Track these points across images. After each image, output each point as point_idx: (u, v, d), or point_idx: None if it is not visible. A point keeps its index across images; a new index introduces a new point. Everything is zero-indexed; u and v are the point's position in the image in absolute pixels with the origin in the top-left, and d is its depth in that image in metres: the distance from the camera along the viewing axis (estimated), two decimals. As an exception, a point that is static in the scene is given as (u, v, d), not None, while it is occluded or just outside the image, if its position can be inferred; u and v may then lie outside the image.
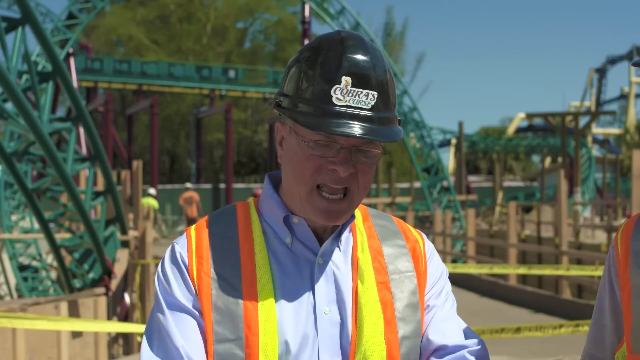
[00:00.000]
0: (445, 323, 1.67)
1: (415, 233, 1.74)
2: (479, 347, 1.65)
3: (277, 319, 1.53)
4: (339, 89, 1.50)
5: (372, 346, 1.56)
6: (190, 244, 1.60)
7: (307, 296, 1.57)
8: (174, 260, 1.59)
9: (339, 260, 1.62)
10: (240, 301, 1.53)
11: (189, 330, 1.53)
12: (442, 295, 1.70)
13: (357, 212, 1.69)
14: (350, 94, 1.50)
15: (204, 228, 1.62)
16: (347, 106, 1.50)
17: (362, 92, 1.51)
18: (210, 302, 1.53)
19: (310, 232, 1.60)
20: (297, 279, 1.57)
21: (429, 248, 1.73)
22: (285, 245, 1.60)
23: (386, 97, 1.55)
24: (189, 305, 1.55)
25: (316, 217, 1.55)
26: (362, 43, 1.56)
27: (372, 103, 1.52)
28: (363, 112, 1.51)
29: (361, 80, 1.51)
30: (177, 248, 1.60)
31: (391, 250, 1.67)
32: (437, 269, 1.72)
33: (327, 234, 1.62)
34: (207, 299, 1.53)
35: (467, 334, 1.69)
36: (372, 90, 1.52)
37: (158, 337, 1.55)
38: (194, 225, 1.64)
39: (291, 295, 1.56)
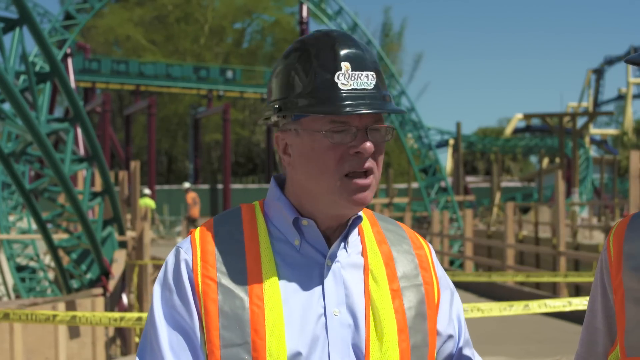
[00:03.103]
0: (464, 350, 1.72)
1: (422, 241, 1.73)
2: None
3: (284, 321, 1.52)
4: (341, 74, 1.53)
5: (389, 353, 1.56)
6: (195, 248, 1.58)
7: (317, 298, 1.56)
8: (178, 266, 1.58)
9: (347, 262, 1.61)
10: (247, 305, 1.52)
11: (182, 349, 1.53)
12: (459, 323, 1.72)
13: (364, 216, 1.68)
14: (353, 78, 1.53)
15: (209, 231, 1.61)
16: (352, 89, 1.53)
17: (362, 74, 1.54)
18: (216, 307, 1.52)
19: (319, 234, 1.58)
20: (305, 281, 1.56)
21: (437, 262, 1.72)
22: (293, 247, 1.59)
23: (381, 77, 1.58)
24: (188, 320, 1.54)
25: (348, 203, 1.55)
26: (348, 34, 1.60)
27: (373, 82, 1.55)
28: (368, 92, 1.54)
29: (359, 63, 1.55)
30: (182, 253, 1.58)
31: (401, 257, 1.66)
32: (447, 289, 1.72)
33: (335, 235, 1.61)
34: (214, 304, 1.52)
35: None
36: (370, 71, 1.56)
37: (150, 351, 1.55)
38: (198, 228, 1.63)
39: (300, 297, 1.55)
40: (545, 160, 48.95)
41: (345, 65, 1.53)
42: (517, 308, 5.39)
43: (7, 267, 15.43)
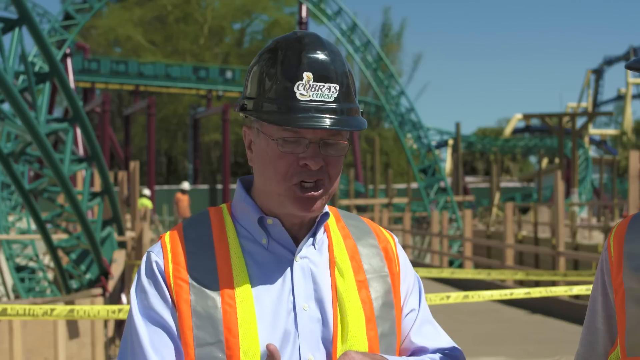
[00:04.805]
0: (425, 326, 1.74)
1: (386, 234, 1.77)
2: (456, 351, 1.74)
3: (256, 319, 1.55)
4: (301, 84, 1.53)
5: (356, 342, 1.59)
6: (165, 251, 1.61)
7: (287, 294, 1.59)
8: (150, 269, 1.60)
9: (315, 258, 1.64)
10: (219, 305, 1.55)
11: (164, 346, 1.55)
12: (419, 300, 1.75)
13: (330, 213, 1.72)
14: (313, 89, 1.54)
15: (179, 234, 1.64)
16: (311, 101, 1.53)
17: (324, 86, 1.54)
18: (189, 308, 1.54)
19: (285, 232, 1.62)
20: (275, 278, 1.59)
21: (401, 252, 1.76)
22: (261, 246, 1.62)
23: (347, 89, 1.58)
24: (166, 318, 1.56)
25: (294, 208, 1.57)
26: (319, 40, 1.59)
27: (335, 95, 1.55)
28: (327, 105, 1.54)
29: (322, 75, 1.55)
30: (153, 256, 1.61)
31: (366, 250, 1.70)
32: (411, 274, 1.76)
33: (302, 233, 1.64)
34: (186, 305, 1.55)
35: (445, 339, 1.76)
36: (333, 83, 1.55)
37: (132, 353, 1.56)
38: (168, 232, 1.65)
39: (270, 294, 1.58)
40: (545, 161, 49.02)
41: (307, 75, 1.54)
42: (518, 294, 5.42)
43: (7, 268, 15.43)
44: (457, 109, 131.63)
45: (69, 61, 31.05)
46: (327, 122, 1.52)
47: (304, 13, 34.43)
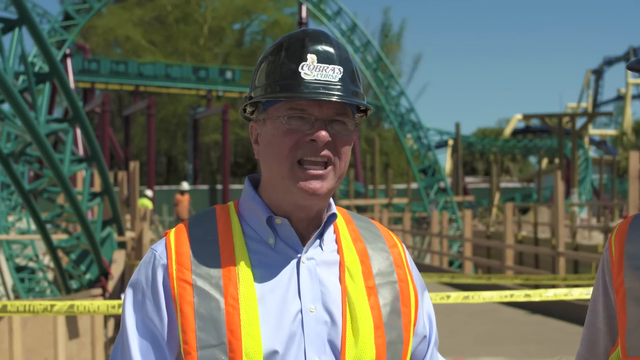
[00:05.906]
0: (434, 354, 1.74)
1: (396, 239, 1.75)
2: None
3: (260, 320, 1.53)
4: (306, 65, 1.55)
5: (365, 349, 1.57)
6: (170, 251, 1.59)
7: (292, 295, 1.57)
8: (154, 270, 1.59)
9: (323, 259, 1.62)
10: (222, 306, 1.53)
11: (151, 356, 1.55)
12: (430, 324, 1.74)
13: (339, 214, 1.70)
14: (318, 69, 1.55)
15: (184, 233, 1.62)
16: (316, 80, 1.54)
17: (328, 67, 1.56)
18: (192, 309, 1.53)
19: (293, 232, 1.60)
20: (281, 279, 1.58)
21: (410, 259, 1.74)
22: (268, 246, 1.60)
23: (352, 73, 1.59)
24: (159, 325, 1.55)
25: (299, 192, 1.55)
26: (324, 32, 1.61)
27: (339, 76, 1.56)
28: (332, 85, 1.55)
29: (326, 57, 1.56)
30: (157, 257, 1.60)
31: (376, 254, 1.68)
32: (420, 286, 1.73)
33: (309, 232, 1.62)
34: (189, 307, 1.53)
35: None
36: (338, 65, 1.57)
37: (121, 355, 1.57)
38: (173, 230, 1.64)
39: (275, 295, 1.56)
40: (545, 161, 49.05)
41: (311, 57, 1.55)
42: (518, 296, 5.43)
43: (7, 268, 15.43)
44: (457, 109, 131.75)
45: (68, 61, 31.08)
46: (334, 97, 1.53)
47: (304, 13, 34.43)
